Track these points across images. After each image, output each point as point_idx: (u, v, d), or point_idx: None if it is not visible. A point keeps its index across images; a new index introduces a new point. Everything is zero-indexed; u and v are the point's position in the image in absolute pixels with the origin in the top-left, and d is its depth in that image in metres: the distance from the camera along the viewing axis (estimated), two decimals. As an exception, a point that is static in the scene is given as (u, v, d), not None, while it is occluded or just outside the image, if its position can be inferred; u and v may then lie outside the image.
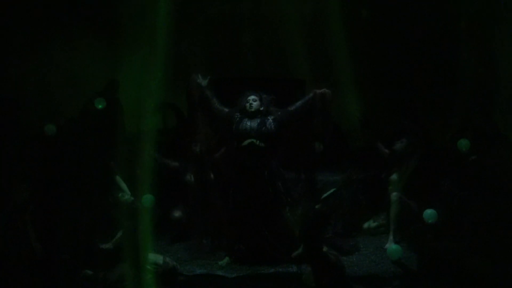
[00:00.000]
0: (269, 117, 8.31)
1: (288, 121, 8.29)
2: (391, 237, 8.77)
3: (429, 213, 7.78)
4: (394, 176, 9.00)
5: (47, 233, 8.01)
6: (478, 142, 8.91)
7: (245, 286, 7.88)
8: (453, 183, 8.23)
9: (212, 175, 9.01)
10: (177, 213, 9.15)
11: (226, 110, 8.39)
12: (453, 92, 10.45)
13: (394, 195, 8.80)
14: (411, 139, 9.02)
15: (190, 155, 8.98)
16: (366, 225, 9.23)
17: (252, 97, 8.37)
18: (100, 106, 9.98)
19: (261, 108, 8.34)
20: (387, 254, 8.20)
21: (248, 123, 8.27)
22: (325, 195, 8.16)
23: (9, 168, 8.93)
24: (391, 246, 8.02)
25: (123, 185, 8.99)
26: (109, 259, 7.87)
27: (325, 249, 7.42)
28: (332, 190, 8.27)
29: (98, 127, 10.14)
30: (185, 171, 9.15)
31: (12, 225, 7.80)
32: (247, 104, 8.34)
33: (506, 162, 8.48)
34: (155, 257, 7.89)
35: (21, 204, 8.00)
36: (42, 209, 8.30)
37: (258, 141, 8.19)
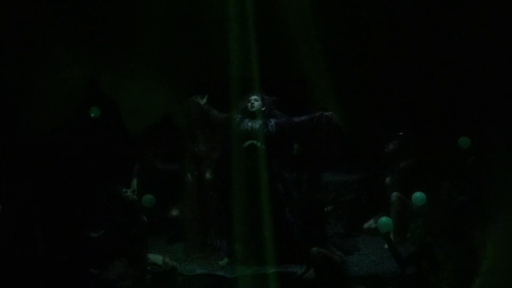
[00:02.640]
0: (272, 120, 8.30)
1: (290, 130, 8.30)
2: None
3: (384, 221, 7.75)
4: (388, 179, 9.04)
5: (49, 233, 8.02)
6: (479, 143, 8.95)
7: (245, 286, 7.87)
8: (453, 185, 8.22)
9: (211, 176, 9.08)
10: (175, 212, 9.16)
11: (226, 115, 8.40)
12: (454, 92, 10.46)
13: (394, 195, 8.80)
14: (403, 141, 9.05)
15: (191, 157, 9.06)
16: (366, 225, 9.23)
17: (254, 97, 8.36)
18: (93, 115, 10.08)
19: (263, 108, 8.34)
20: (378, 227, 8.13)
21: (249, 124, 8.27)
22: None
23: (13, 167, 8.95)
24: (381, 218, 8.02)
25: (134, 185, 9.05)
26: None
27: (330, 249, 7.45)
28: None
29: (93, 127, 10.14)
30: (185, 172, 9.19)
31: (16, 224, 7.80)
32: (249, 104, 8.33)
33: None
34: (154, 258, 7.89)
35: (25, 203, 8.01)
36: (45, 209, 8.31)
37: (259, 143, 8.19)
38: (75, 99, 10.64)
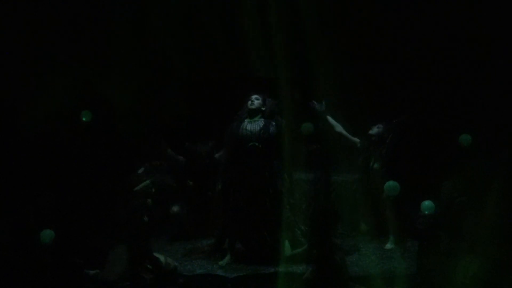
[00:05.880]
0: (273, 122, 8.31)
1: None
2: (391, 237, 8.78)
3: (426, 205, 7.79)
4: (376, 165, 9.00)
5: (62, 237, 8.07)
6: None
7: (245, 286, 7.87)
8: (454, 186, 8.23)
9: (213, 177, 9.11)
10: (175, 208, 9.17)
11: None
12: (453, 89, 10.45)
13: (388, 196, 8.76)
14: (387, 124, 9.03)
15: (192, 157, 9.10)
16: (364, 225, 9.20)
17: (255, 95, 8.39)
18: (84, 119, 10.04)
19: (263, 109, 8.35)
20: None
21: (250, 125, 8.28)
22: None
23: (31, 174, 9.01)
24: (389, 182, 8.04)
25: None
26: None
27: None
28: None
29: (86, 130, 10.11)
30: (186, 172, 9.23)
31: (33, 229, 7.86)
32: (249, 102, 8.35)
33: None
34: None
35: (45, 210, 8.09)
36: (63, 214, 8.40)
37: (260, 145, 8.19)
38: (71, 101, 10.58)
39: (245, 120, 8.33)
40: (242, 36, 10.95)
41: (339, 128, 9.06)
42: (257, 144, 8.20)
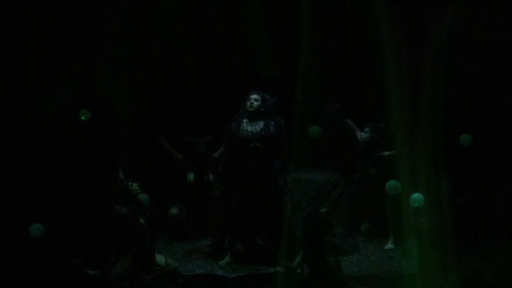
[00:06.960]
0: (272, 122, 8.29)
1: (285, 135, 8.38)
2: (391, 237, 8.78)
3: (415, 197, 7.80)
4: (372, 171, 9.01)
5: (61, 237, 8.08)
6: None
7: (245, 286, 7.88)
8: (453, 186, 8.25)
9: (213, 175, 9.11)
10: (174, 210, 9.17)
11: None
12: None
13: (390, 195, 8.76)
14: (372, 126, 9.03)
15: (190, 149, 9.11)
16: (364, 225, 9.19)
17: (254, 96, 8.31)
18: (83, 118, 10.01)
19: (262, 109, 8.31)
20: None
21: (250, 126, 8.26)
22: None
23: (30, 173, 9.01)
24: (390, 181, 8.15)
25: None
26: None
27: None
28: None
29: (86, 129, 10.10)
30: (186, 170, 9.23)
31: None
32: (248, 103, 8.30)
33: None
34: (157, 258, 7.90)
35: (42, 208, 8.08)
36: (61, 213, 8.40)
37: (262, 145, 8.18)
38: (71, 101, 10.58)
39: (244, 120, 8.31)
40: (243, 36, 10.95)
41: (358, 132, 9.14)
42: (258, 144, 8.19)
